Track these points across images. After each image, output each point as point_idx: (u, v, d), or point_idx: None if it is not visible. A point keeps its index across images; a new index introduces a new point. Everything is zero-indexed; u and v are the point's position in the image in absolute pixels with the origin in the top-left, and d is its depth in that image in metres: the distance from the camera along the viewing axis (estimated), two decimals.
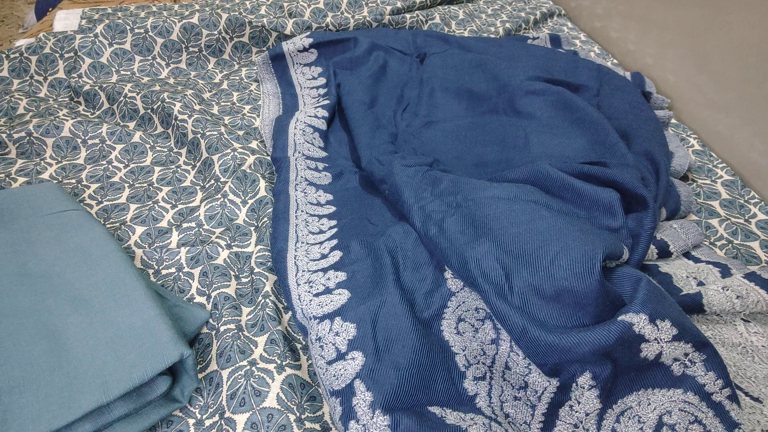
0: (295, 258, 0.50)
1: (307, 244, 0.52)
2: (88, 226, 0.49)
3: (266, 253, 0.54)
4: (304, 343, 0.47)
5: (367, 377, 0.39)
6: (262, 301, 0.49)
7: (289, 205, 0.57)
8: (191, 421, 0.40)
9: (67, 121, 0.69)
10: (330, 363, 0.40)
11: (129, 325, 0.40)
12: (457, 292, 0.46)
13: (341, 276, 0.48)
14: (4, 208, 0.49)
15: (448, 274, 0.48)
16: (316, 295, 0.46)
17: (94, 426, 0.36)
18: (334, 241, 0.52)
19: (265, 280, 0.51)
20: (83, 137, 0.69)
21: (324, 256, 0.51)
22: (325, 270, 0.49)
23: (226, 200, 0.59)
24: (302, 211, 0.57)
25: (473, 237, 0.46)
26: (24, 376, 0.36)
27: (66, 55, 0.80)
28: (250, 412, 0.40)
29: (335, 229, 0.54)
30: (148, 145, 0.70)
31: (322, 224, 0.55)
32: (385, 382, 0.39)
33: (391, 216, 0.57)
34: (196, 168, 0.66)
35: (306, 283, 0.47)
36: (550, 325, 0.40)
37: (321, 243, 0.52)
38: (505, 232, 0.45)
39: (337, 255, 0.50)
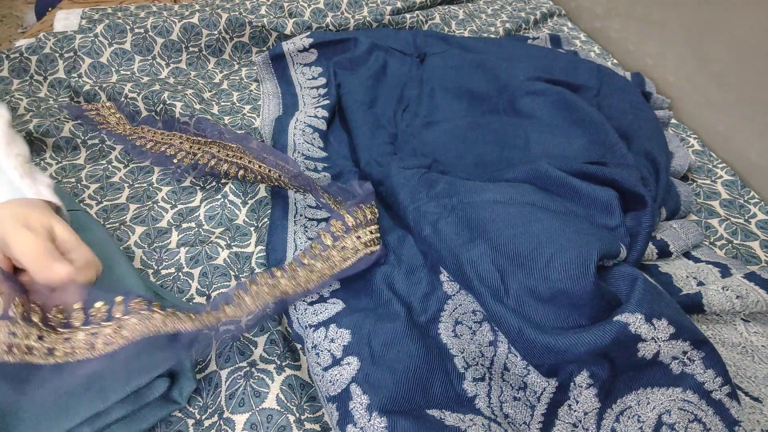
0: None
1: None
2: (87, 227, 0.49)
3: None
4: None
5: (363, 381, 0.39)
6: None
7: (287, 210, 0.57)
8: (190, 421, 0.40)
9: (67, 121, 0.69)
10: (326, 369, 0.40)
11: None
12: (453, 295, 0.46)
13: (335, 284, 0.47)
14: None
15: (443, 277, 0.47)
16: (311, 303, 0.46)
17: (92, 429, 0.36)
18: None
19: None
20: (83, 137, 0.69)
21: None
22: None
23: (226, 200, 0.59)
24: (301, 215, 0.56)
25: (468, 239, 0.46)
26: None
27: (66, 55, 0.80)
28: (250, 413, 0.40)
29: None
30: None
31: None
32: (381, 386, 0.39)
33: (387, 218, 0.57)
34: None
35: None
36: (547, 326, 0.40)
37: None
38: (500, 234, 0.45)
39: None
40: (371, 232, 0.49)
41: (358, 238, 0.48)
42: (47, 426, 0.34)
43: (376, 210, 0.52)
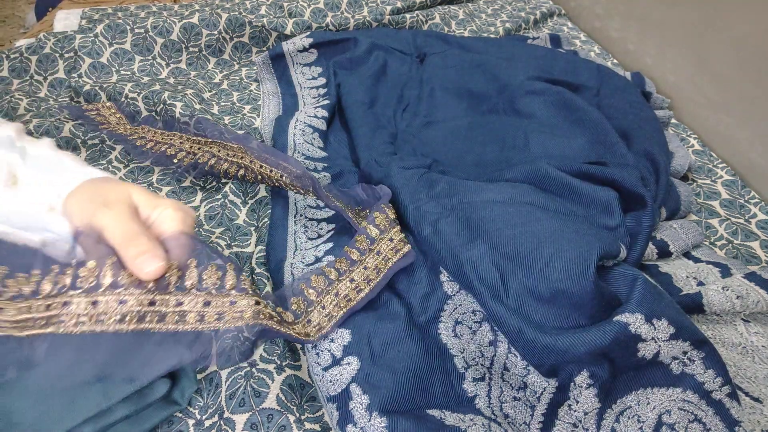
0: (291, 266, 0.50)
1: (305, 249, 0.52)
2: None
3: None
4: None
5: (363, 381, 0.39)
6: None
7: (287, 210, 0.57)
8: (191, 421, 0.40)
9: (67, 121, 0.69)
10: (326, 369, 0.40)
11: None
12: (453, 295, 0.46)
13: None
14: None
15: (443, 277, 0.47)
16: None
17: (93, 429, 0.36)
18: (329, 245, 0.52)
19: (265, 281, 0.51)
20: (83, 137, 0.69)
21: (318, 260, 0.51)
22: None
23: (226, 200, 0.59)
24: (301, 215, 0.56)
25: (468, 239, 0.46)
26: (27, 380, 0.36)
27: (66, 55, 0.80)
28: (250, 413, 0.40)
29: (332, 233, 0.54)
30: None
31: (321, 228, 0.55)
32: (381, 386, 0.39)
33: None
34: None
35: None
36: (546, 326, 0.40)
37: (317, 247, 0.52)
38: (500, 234, 0.45)
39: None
40: (399, 232, 0.49)
41: (391, 240, 0.48)
42: (49, 424, 0.34)
43: (392, 212, 0.51)
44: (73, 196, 0.33)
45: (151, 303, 0.30)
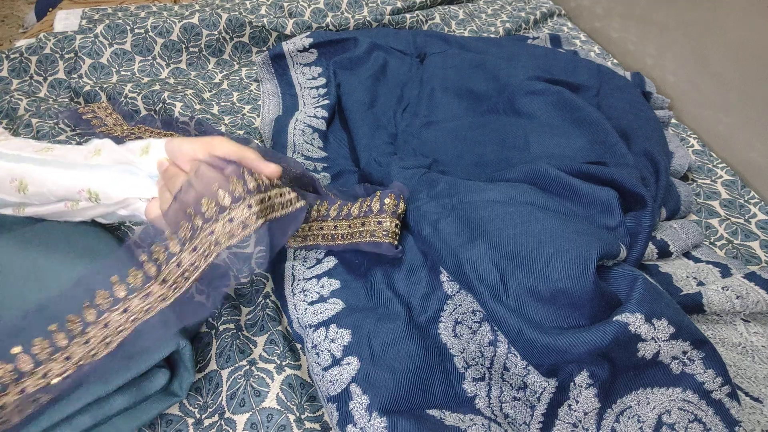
0: (292, 267, 0.50)
1: (306, 249, 0.52)
2: (94, 229, 0.50)
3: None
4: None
5: (363, 381, 0.39)
6: (262, 301, 0.49)
7: None
8: (190, 420, 0.40)
9: (68, 127, 0.69)
10: (326, 369, 0.40)
11: None
12: (453, 295, 0.46)
13: (335, 284, 0.47)
14: None
15: (443, 277, 0.47)
16: (311, 303, 0.46)
17: (93, 420, 0.36)
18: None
19: (265, 281, 0.51)
20: (79, 140, 0.69)
21: (319, 261, 0.50)
22: (319, 277, 0.48)
23: None
24: None
25: (468, 239, 0.46)
26: None
27: (66, 56, 0.80)
28: (250, 413, 0.40)
29: None
30: None
31: None
32: (381, 386, 0.39)
33: None
34: None
35: (301, 292, 0.47)
36: (546, 326, 0.40)
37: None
38: (500, 234, 0.45)
39: (332, 261, 0.50)
40: (395, 226, 0.49)
41: (379, 223, 0.49)
42: (48, 410, 0.34)
43: (403, 207, 0.52)
44: (171, 140, 0.41)
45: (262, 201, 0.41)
